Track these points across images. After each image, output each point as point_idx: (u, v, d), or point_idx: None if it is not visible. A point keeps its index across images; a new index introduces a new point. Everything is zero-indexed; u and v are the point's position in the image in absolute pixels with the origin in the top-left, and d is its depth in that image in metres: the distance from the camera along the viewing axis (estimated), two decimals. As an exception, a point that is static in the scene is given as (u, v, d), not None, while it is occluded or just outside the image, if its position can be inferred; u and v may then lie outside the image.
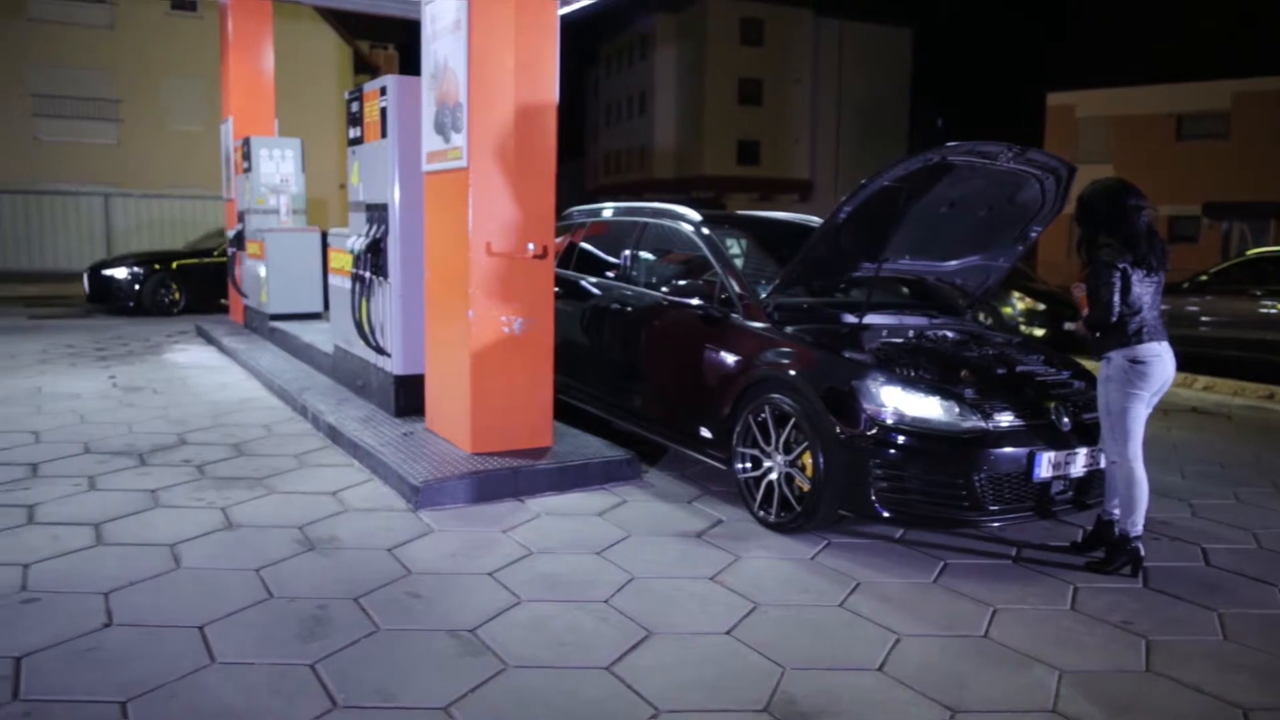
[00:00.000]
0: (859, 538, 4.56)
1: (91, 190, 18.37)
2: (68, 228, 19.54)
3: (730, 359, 5.00)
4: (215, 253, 13.75)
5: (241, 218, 11.23)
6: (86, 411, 6.92)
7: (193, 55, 21.20)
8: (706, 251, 5.54)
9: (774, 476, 4.63)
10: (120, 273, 13.41)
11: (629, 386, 5.94)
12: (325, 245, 8.67)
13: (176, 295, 13.54)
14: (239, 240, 11.30)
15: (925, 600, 3.86)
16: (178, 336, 11.32)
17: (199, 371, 8.87)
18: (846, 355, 4.54)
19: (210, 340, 10.72)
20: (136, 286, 13.24)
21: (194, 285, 13.61)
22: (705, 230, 5.66)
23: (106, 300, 13.42)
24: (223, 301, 13.14)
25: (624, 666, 3.20)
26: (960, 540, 4.57)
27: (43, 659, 3.14)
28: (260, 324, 10.59)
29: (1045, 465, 4.22)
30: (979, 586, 4.01)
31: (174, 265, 13.62)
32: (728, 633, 3.48)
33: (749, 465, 4.81)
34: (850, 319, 5.07)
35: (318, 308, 10.39)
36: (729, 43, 47.34)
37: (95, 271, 13.64)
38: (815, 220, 6.43)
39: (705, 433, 5.14)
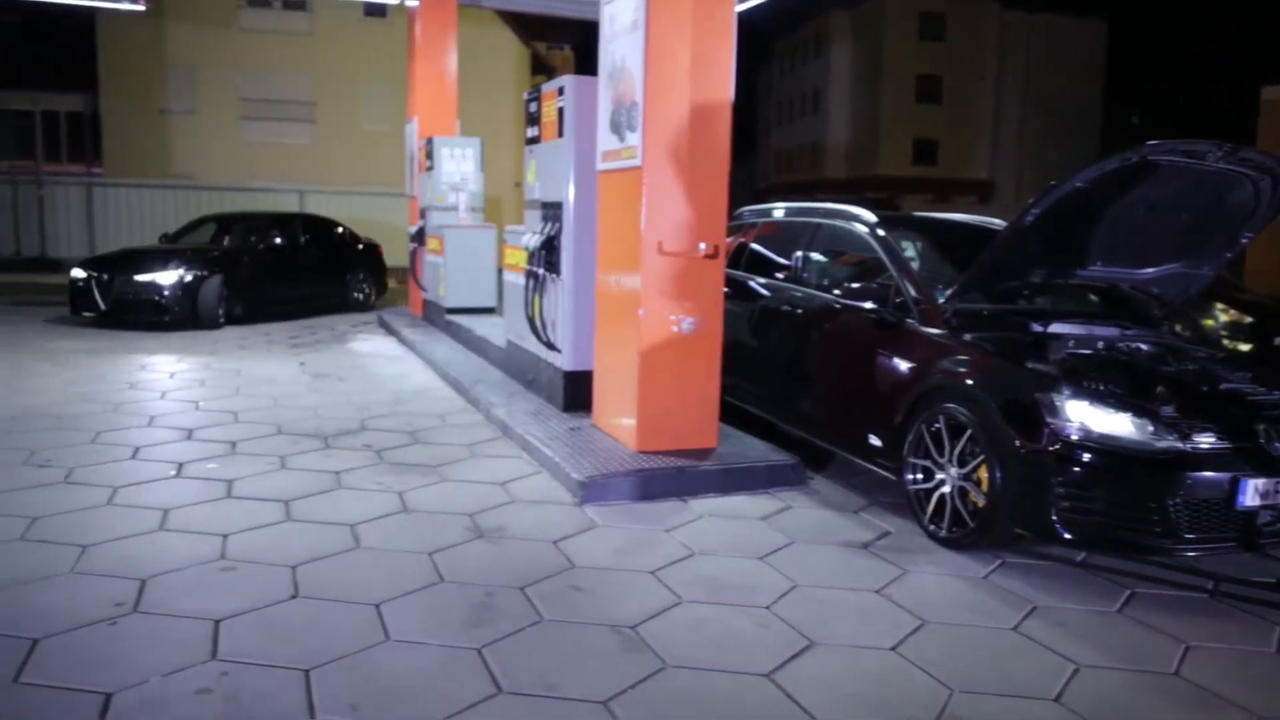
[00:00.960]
0: (1036, 559, 4.32)
1: (288, 187, 19.57)
2: (278, 222, 20.91)
3: (904, 365, 4.85)
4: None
5: (423, 214, 11.72)
6: (279, 395, 7.38)
7: (383, 59, 22.26)
8: (881, 253, 5.39)
9: (946, 489, 4.45)
10: (166, 277, 10.93)
11: (796, 390, 5.85)
12: (500, 242, 8.93)
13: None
14: (420, 236, 11.80)
15: (1108, 630, 3.62)
16: (362, 327, 11.93)
17: (380, 361, 9.32)
18: (1029, 365, 4.31)
19: (391, 331, 11.25)
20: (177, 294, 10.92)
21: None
22: (881, 231, 5.51)
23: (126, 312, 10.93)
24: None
25: (784, 675, 3.14)
26: (1149, 568, 4.26)
27: (238, 623, 3.36)
28: (437, 317, 11.02)
29: (1251, 493, 3.88)
30: (1170, 620, 3.73)
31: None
32: (893, 649, 3.37)
33: (920, 476, 4.64)
34: (1035, 327, 4.81)
35: (492, 303, 10.73)
36: (907, 39, 46.06)
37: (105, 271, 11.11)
38: (997, 223, 6.16)
39: (875, 441, 5.00)
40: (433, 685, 2.99)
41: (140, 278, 10.85)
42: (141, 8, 13.25)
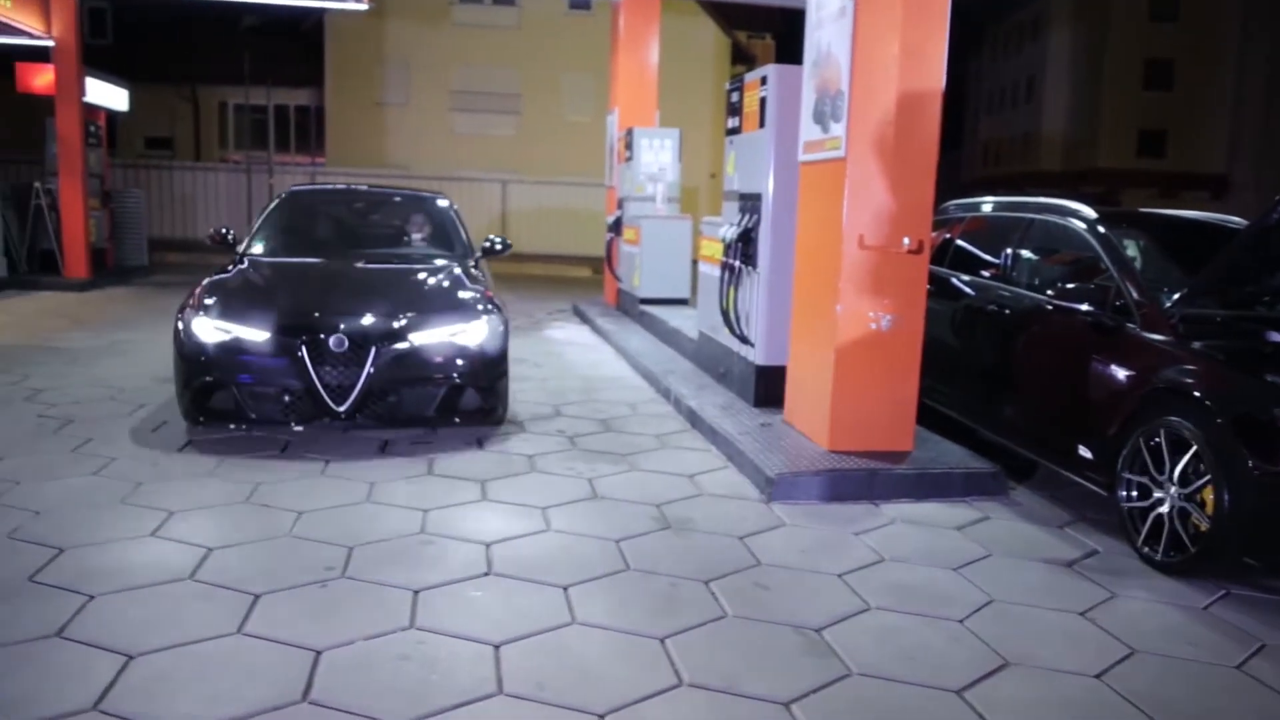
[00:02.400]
0: (1268, 592, 3.94)
1: (492, 177, 20.35)
2: (472, 210, 21.86)
3: (1121, 373, 4.52)
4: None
5: (620, 204, 11.91)
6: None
7: (585, 51, 22.77)
8: (1101, 252, 5.04)
9: (1164, 509, 4.12)
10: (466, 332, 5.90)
11: (999, 395, 5.57)
12: (696, 233, 8.94)
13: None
14: (617, 226, 12.00)
15: (1355, 677, 3.26)
16: (557, 314, 12.26)
17: (574, 348, 9.56)
18: (1269, 379, 3.92)
19: (585, 320, 11.50)
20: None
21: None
22: (1101, 229, 5.15)
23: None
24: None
25: (976, 694, 3.00)
26: (1407, 611, 3.81)
27: (434, 595, 3.52)
28: (631, 306, 11.19)
29: None
30: None
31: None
32: (1097, 676, 3.15)
33: (1135, 494, 4.32)
34: (1275, 337, 4.38)
35: (685, 294, 10.79)
36: (1136, 19, 42.94)
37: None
38: (1236, 221, 5.64)
39: (1084, 452, 4.69)
40: (615, 671, 3.03)
41: (420, 341, 5.55)
42: (365, 6, 14.07)
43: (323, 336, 5.35)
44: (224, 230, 6.92)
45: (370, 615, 3.34)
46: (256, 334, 5.37)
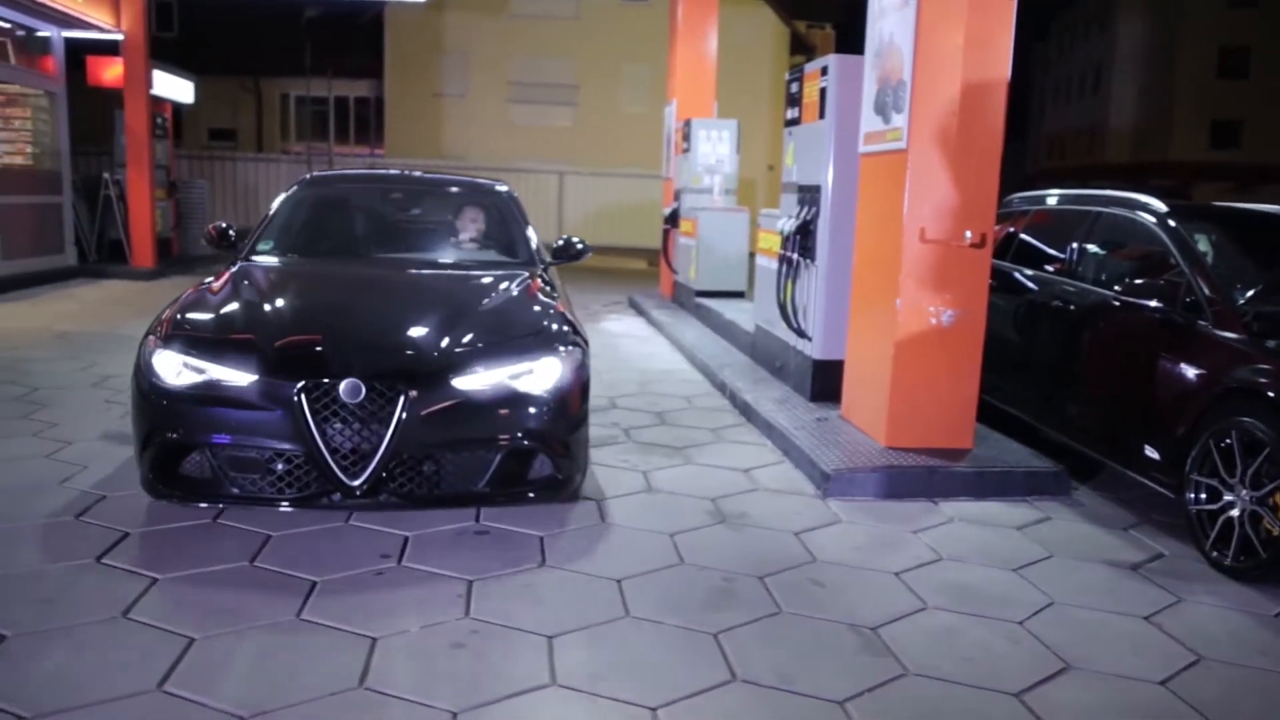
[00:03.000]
0: (1345, 600, 3.82)
1: (549, 168, 20.42)
2: (529, 202, 21.95)
3: (1191, 372, 4.39)
4: None
5: (677, 196, 11.88)
6: (536, 367, 7.72)
7: (643, 41, 22.73)
8: (1172, 247, 4.90)
9: (1235, 513, 4.00)
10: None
11: (1062, 392, 5.45)
12: (753, 225, 8.88)
13: None
14: (673, 218, 11.97)
15: None
16: (613, 306, 12.28)
17: (629, 340, 9.56)
18: (1349, 381, 3.78)
19: (640, 312, 11.51)
20: None
21: None
22: (1172, 223, 5.01)
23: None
24: None
25: (1036, 697, 2.94)
26: None
27: (488, 585, 3.54)
28: (686, 299, 11.16)
29: None
30: None
31: None
32: (1162, 683, 3.07)
33: (1204, 496, 4.20)
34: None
35: (741, 287, 10.72)
36: (1212, 5, 41.61)
37: None
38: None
39: (1151, 453, 4.57)
40: (668, 665, 3.03)
41: (470, 386, 4.07)
42: None
43: (329, 379, 3.83)
44: (225, 226, 5.60)
45: (426, 604, 3.37)
46: (238, 375, 3.87)
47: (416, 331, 4.24)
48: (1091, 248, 5.64)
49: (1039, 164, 53.52)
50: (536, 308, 4.73)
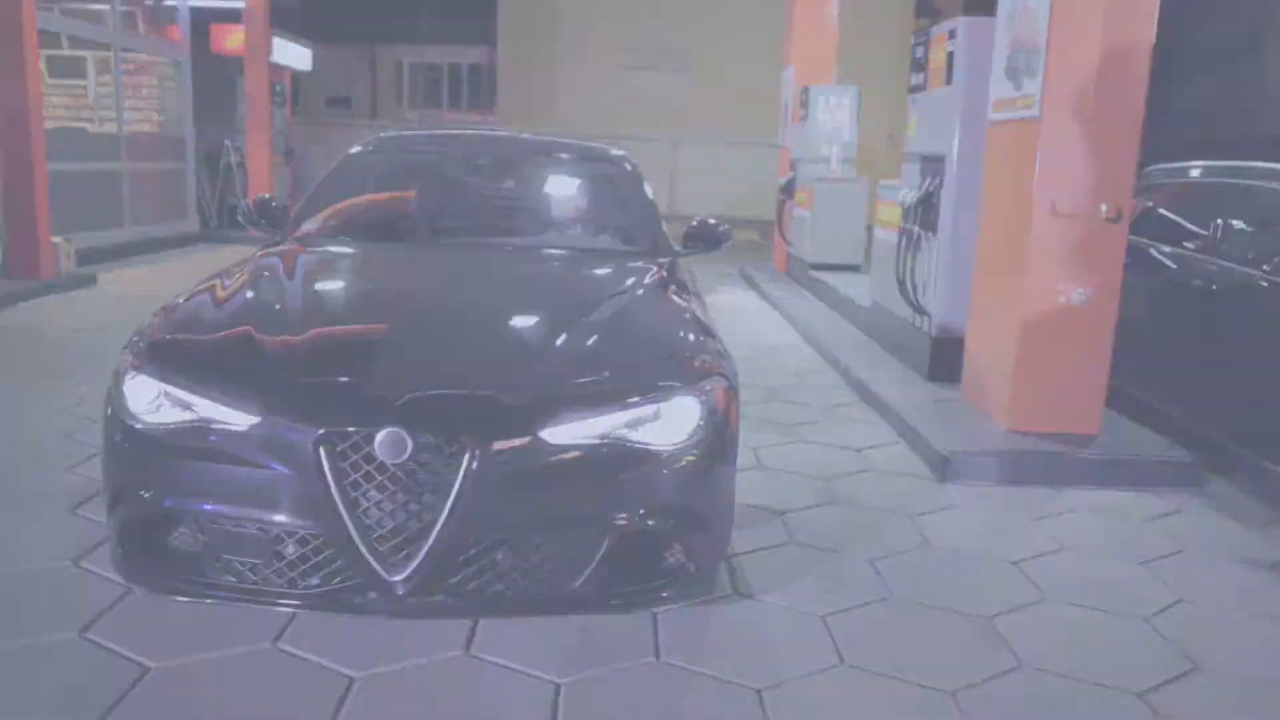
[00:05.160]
0: None
1: (662, 136, 20.27)
2: (648, 171, 21.90)
3: (1348, 360, 4.09)
4: None
5: (793, 166, 11.65)
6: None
7: (760, 5, 22.30)
8: (1330, 225, 4.56)
9: (1394, 513, 3.71)
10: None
11: (1200, 378, 5.15)
12: (872, 196, 8.66)
13: None
14: (789, 189, 11.74)
15: None
16: (725, 280, 12.16)
17: (741, 314, 9.46)
18: None
19: (753, 285, 11.38)
20: None
21: None
22: (1331, 199, 4.66)
23: None
24: None
25: (1161, 698, 2.80)
26: None
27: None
28: (800, 272, 10.98)
29: None
30: None
31: None
32: (1300, 690, 2.89)
33: (1358, 493, 3.92)
34: None
35: (857, 260, 10.46)
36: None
37: None
38: None
39: (1299, 445, 4.29)
40: (775, 646, 2.99)
41: (564, 440, 2.75)
42: None
43: (360, 427, 2.58)
44: (267, 198, 4.49)
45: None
46: (234, 414, 2.66)
47: (491, 356, 3.00)
48: (1239, 224, 5.29)
49: (1185, 134, 50.72)
50: (666, 319, 3.49)
